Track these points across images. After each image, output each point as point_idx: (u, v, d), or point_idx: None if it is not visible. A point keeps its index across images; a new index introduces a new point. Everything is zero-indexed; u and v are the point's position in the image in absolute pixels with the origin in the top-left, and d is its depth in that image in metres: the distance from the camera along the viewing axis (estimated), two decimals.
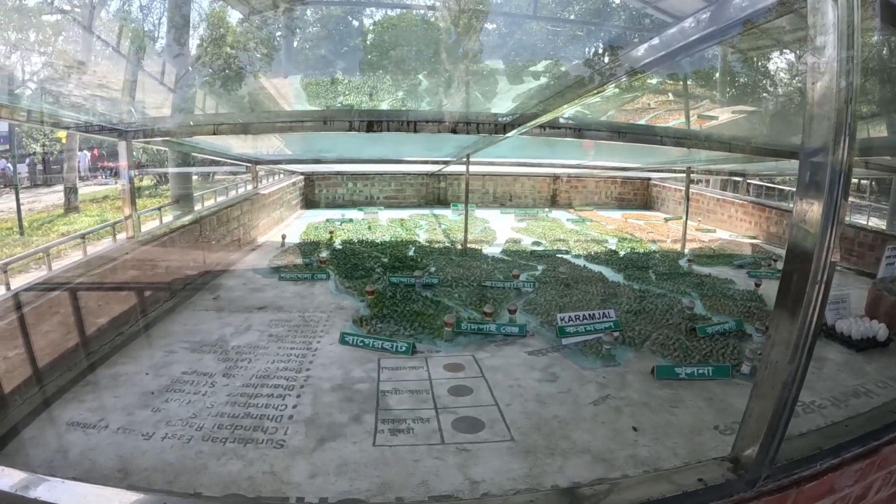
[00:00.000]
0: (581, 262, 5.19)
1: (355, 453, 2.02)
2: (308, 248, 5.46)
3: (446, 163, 5.51)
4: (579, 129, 3.58)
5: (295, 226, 6.80)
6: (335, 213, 7.45)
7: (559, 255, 5.38)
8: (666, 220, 8.47)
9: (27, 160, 13.80)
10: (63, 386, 2.48)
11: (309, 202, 7.99)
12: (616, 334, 3.15)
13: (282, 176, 7.30)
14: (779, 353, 1.35)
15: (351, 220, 6.77)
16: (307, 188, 7.97)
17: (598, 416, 2.34)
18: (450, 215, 7.69)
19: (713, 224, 8.44)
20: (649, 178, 9.68)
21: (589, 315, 3.23)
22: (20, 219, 8.63)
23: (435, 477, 1.89)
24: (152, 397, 2.40)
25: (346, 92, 4.75)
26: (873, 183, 12.96)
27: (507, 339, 3.15)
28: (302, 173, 7.73)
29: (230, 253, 5.00)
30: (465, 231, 5.31)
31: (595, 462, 2.00)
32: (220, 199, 5.78)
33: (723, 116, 5.34)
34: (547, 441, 2.12)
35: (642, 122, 5.30)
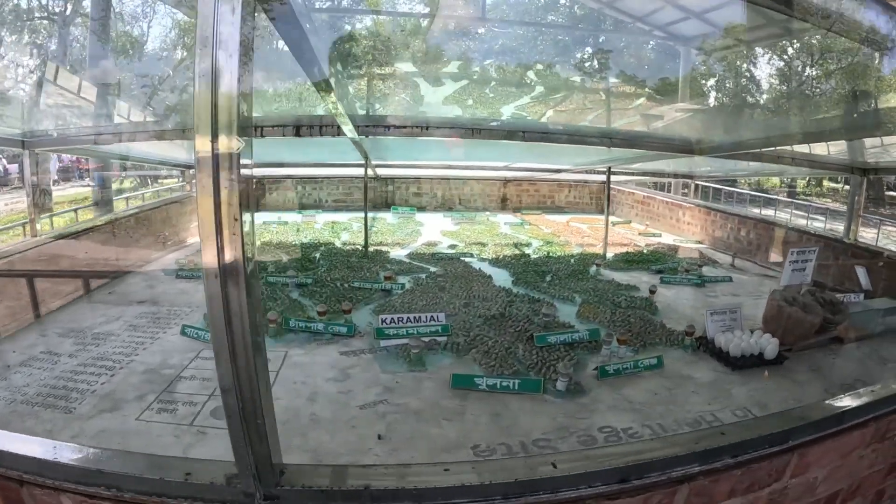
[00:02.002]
0: (482, 265, 5.28)
1: (116, 424, 2.33)
2: None
3: (362, 166, 5.78)
4: (438, 127, 3.70)
5: None
6: (279, 216, 7.79)
7: (462, 259, 5.52)
8: (613, 224, 8.48)
9: (19, 159, 14.79)
10: None
11: (259, 205, 8.44)
12: (442, 339, 3.20)
13: None
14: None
15: (285, 223, 7.11)
16: (259, 191, 8.43)
17: (357, 419, 2.39)
18: (389, 218, 7.97)
19: (662, 228, 8.40)
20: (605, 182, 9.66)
21: (414, 318, 3.32)
22: None
23: (159, 450, 2.14)
24: (8, 370, 2.83)
25: (280, 97, 5.12)
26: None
27: (333, 339, 3.31)
28: (254, 176, 8.16)
29: (152, 252, 5.40)
30: (366, 234, 5.55)
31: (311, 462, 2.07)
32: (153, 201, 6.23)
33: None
34: (282, 437, 2.32)
35: (584, 124, 5.37)
